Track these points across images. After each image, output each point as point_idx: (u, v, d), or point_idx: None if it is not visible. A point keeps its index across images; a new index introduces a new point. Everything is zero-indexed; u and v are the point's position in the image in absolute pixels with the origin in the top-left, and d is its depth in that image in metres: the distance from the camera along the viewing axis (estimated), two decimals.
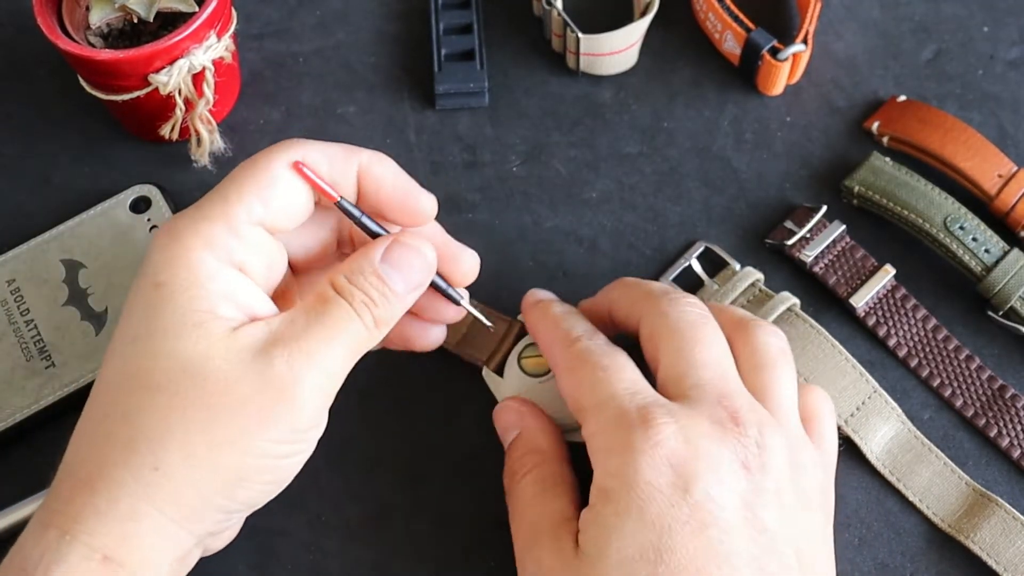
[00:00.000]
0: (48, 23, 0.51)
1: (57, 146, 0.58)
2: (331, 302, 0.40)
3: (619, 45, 0.57)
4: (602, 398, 0.41)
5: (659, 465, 0.38)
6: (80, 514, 0.37)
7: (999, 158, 0.53)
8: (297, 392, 0.38)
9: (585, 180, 0.56)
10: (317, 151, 0.41)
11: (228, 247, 0.39)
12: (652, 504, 0.38)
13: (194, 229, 0.39)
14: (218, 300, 0.38)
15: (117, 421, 0.37)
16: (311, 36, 0.61)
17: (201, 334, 0.38)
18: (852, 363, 0.50)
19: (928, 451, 0.49)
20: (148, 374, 0.37)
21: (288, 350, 0.38)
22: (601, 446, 0.40)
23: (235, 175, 0.41)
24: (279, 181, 0.40)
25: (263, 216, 0.40)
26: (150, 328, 0.38)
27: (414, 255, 0.42)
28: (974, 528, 0.47)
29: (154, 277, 0.38)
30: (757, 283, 0.52)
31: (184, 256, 0.38)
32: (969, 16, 0.60)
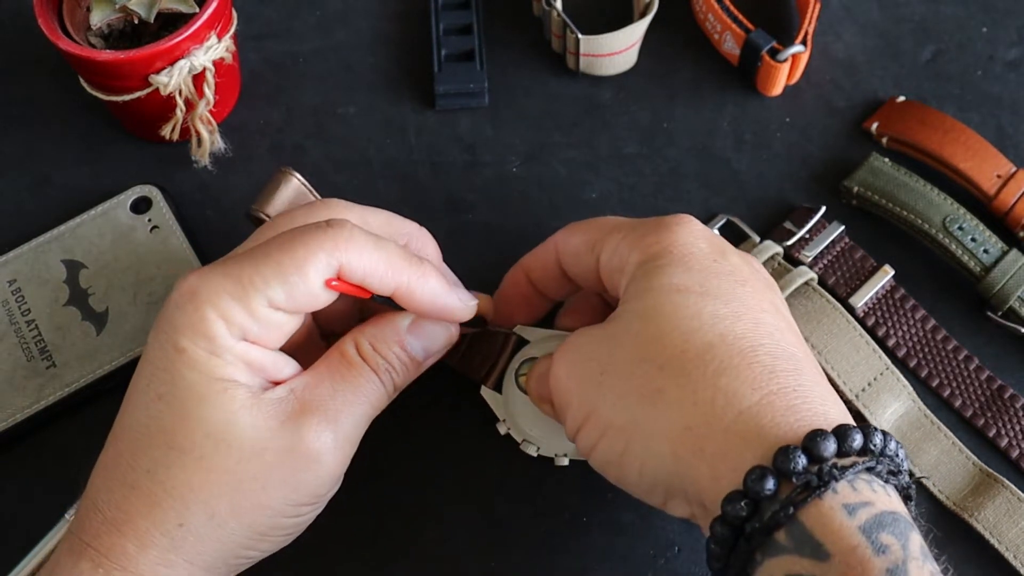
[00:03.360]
0: (49, 24, 0.51)
1: (58, 146, 0.58)
2: (356, 368, 0.41)
3: (619, 46, 0.57)
4: (622, 222, 0.44)
5: (697, 234, 0.41)
6: (111, 552, 0.38)
7: (998, 159, 0.53)
8: (323, 461, 0.39)
9: (585, 180, 0.57)
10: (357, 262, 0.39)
11: (243, 326, 0.39)
12: (695, 259, 0.40)
13: (214, 300, 0.38)
14: (238, 370, 0.39)
15: (141, 474, 0.38)
16: (311, 37, 0.61)
17: (226, 401, 0.38)
18: (866, 339, 0.50)
19: (937, 430, 0.49)
20: (173, 435, 0.38)
21: (316, 419, 0.39)
22: (633, 240, 0.42)
23: (271, 254, 0.39)
24: (311, 281, 0.39)
25: (285, 304, 0.39)
26: (175, 390, 0.38)
27: (440, 329, 0.44)
28: (979, 507, 0.47)
29: (175, 341, 0.38)
30: (776, 256, 0.53)
31: (201, 326, 0.38)
32: (968, 17, 0.61)
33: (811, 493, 0.34)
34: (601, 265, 0.43)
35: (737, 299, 0.39)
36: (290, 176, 0.49)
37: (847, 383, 0.50)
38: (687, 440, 0.36)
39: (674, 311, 0.38)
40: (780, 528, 0.34)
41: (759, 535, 0.34)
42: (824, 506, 0.34)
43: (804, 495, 0.34)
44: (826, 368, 0.50)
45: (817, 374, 0.39)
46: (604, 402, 0.39)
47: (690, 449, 0.36)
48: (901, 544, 0.33)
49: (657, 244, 0.41)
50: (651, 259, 0.40)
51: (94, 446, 0.49)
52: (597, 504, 0.47)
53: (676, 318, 0.38)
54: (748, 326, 0.38)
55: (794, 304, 0.51)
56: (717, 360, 0.37)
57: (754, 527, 0.34)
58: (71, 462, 0.50)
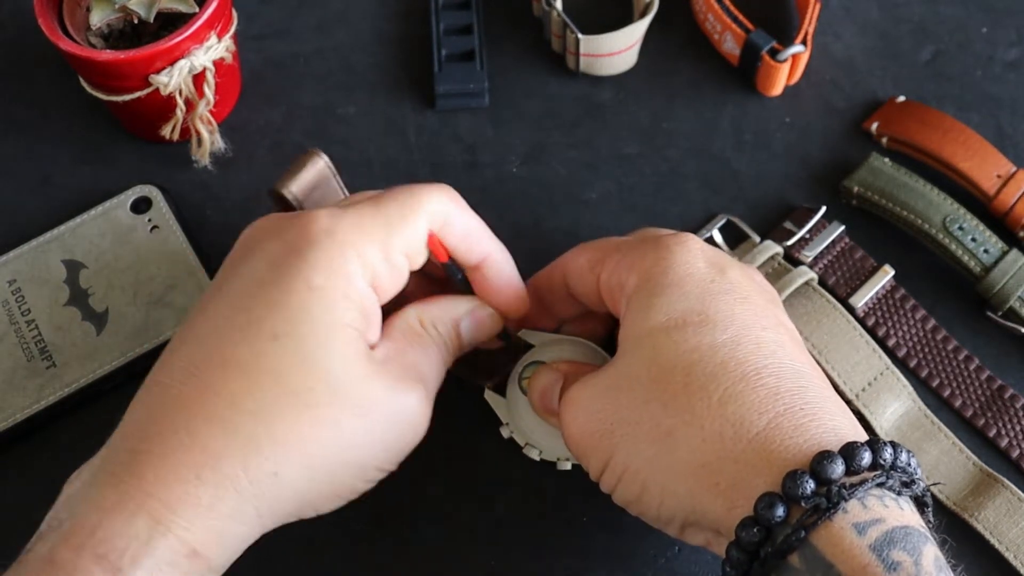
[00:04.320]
0: (49, 24, 0.51)
1: (58, 146, 0.58)
2: (428, 338, 0.42)
3: (619, 46, 0.57)
4: (622, 242, 0.44)
5: (695, 254, 0.41)
6: (179, 504, 0.35)
7: (998, 159, 0.53)
8: (419, 427, 0.40)
9: (585, 181, 0.57)
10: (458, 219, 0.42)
11: (377, 271, 0.39)
12: (691, 280, 0.40)
13: (356, 242, 0.38)
14: (360, 319, 0.39)
15: (244, 415, 0.36)
16: (311, 37, 0.61)
17: (348, 350, 0.38)
18: (866, 339, 0.50)
19: (937, 430, 0.49)
20: (288, 377, 0.36)
21: (419, 386, 0.40)
22: (631, 261, 0.42)
23: (398, 199, 0.40)
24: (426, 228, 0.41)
25: (408, 250, 0.40)
26: (298, 331, 0.37)
27: (489, 319, 0.44)
28: (979, 507, 0.47)
29: (309, 278, 0.37)
30: (776, 256, 0.53)
31: (344, 267, 0.38)
32: (968, 17, 0.61)
33: (821, 516, 0.34)
34: (601, 284, 0.43)
35: (736, 321, 0.39)
36: (318, 157, 0.49)
37: (847, 383, 0.50)
38: (701, 477, 0.37)
39: (674, 349, 0.38)
40: (793, 551, 0.34)
41: (773, 559, 0.34)
42: (834, 527, 0.34)
43: (814, 518, 0.34)
44: (826, 368, 0.50)
45: (823, 386, 0.39)
46: (618, 451, 0.39)
47: (705, 485, 0.36)
48: (914, 560, 0.33)
49: (654, 266, 0.41)
50: (647, 282, 0.40)
51: (94, 446, 0.49)
52: (597, 504, 0.47)
53: (676, 356, 0.38)
54: (749, 349, 0.38)
55: (794, 304, 0.51)
56: (721, 389, 0.37)
57: (767, 551, 0.35)
58: (71, 462, 0.50)
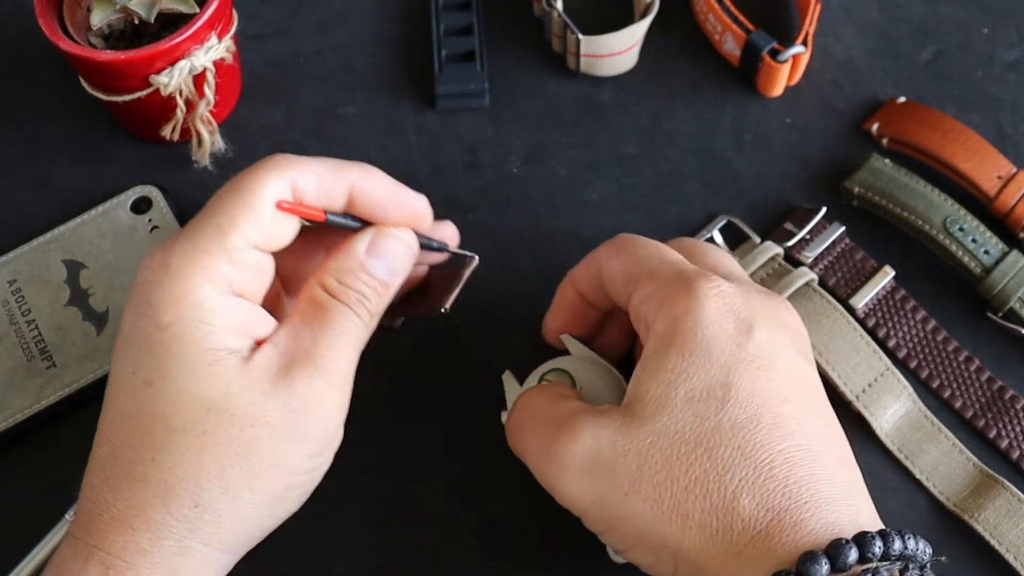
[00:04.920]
0: (49, 24, 0.51)
1: (58, 146, 0.58)
2: (329, 308, 0.41)
3: (619, 46, 0.57)
4: (658, 264, 0.42)
5: (724, 310, 0.40)
6: (123, 551, 0.37)
7: (998, 159, 0.53)
8: (323, 408, 0.39)
9: (585, 181, 0.57)
10: (305, 174, 0.41)
11: (227, 278, 0.39)
12: (718, 344, 0.39)
13: (193, 264, 0.38)
14: (228, 334, 0.38)
15: (147, 465, 0.37)
16: (312, 37, 0.61)
17: (218, 372, 0.38)
18: (866, 340, 0.50)
19: (937, 431, 0.49)
20: (172, 418, 0.37)
21: (306, 370, 0.39)
22: (660, 300, 0.40)
23: (225, 200, 0.40)
24: (268, 206, 0.40)
25: (257, 240, 0.40)
26: (164, 372, 0.37)
27: (396, 243, 0.43)
28: (979, 508, 0.47)
29: (157, 319, 0.38)
30: (776, 257, 0.53)
31: (188, 295, 0.38)
32: (968, 17, 0.61)
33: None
34: (631, 306, 0.42)
35: (758, 397, 0.38)
36: None
37: (847, 384, 0.50)
38: (708, 564, 0.37)
39: (697, 427, 0.38)
40: None
41: None
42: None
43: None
44: (826, 369, 0.50)
45: (836, 465, 0.39)
46: (631, 520, 0.38)
47: (711, 570, 0.37)
48: None
49: (683, 319, 0.39)
50: (675, 336, 0.39)
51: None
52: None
53: (699, 434, 0.38)
54: (766, 431, 0.38)
55: (795, 305, 0.51)
56: (737, 479, 0.37)
57: None
58: (71, 462, 0.50)
